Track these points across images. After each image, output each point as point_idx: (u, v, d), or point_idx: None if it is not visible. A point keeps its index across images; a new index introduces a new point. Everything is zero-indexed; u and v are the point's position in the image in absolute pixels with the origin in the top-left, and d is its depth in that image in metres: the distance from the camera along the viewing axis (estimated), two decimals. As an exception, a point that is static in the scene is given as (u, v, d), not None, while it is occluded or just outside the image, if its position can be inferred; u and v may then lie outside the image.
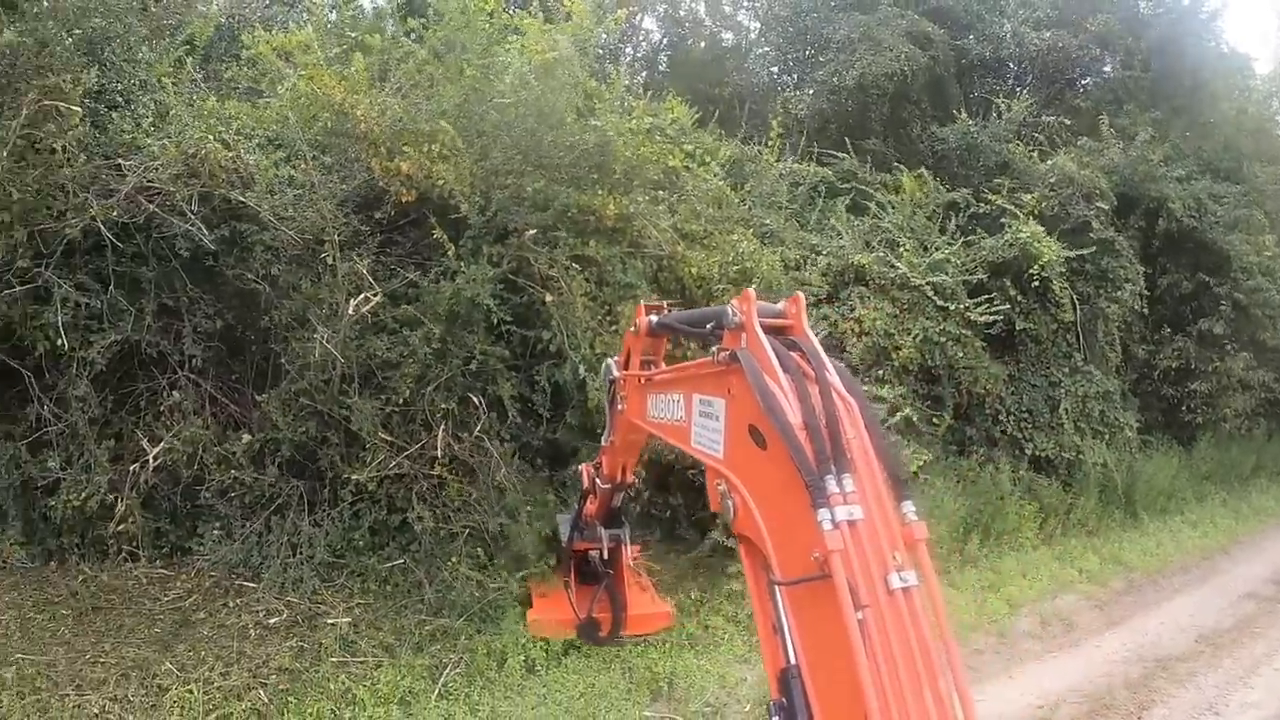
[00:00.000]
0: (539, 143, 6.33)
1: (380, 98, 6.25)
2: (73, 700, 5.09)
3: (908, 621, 2.11)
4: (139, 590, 6.22)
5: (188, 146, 5.66)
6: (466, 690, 5.55)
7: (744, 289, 6.54)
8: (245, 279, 5.82)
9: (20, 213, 5.84)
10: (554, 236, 6.09)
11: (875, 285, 8.36)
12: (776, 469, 2.36)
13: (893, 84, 13.31)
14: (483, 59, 6.59)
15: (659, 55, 17.90)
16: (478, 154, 6.16)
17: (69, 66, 5.91)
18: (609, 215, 6.25)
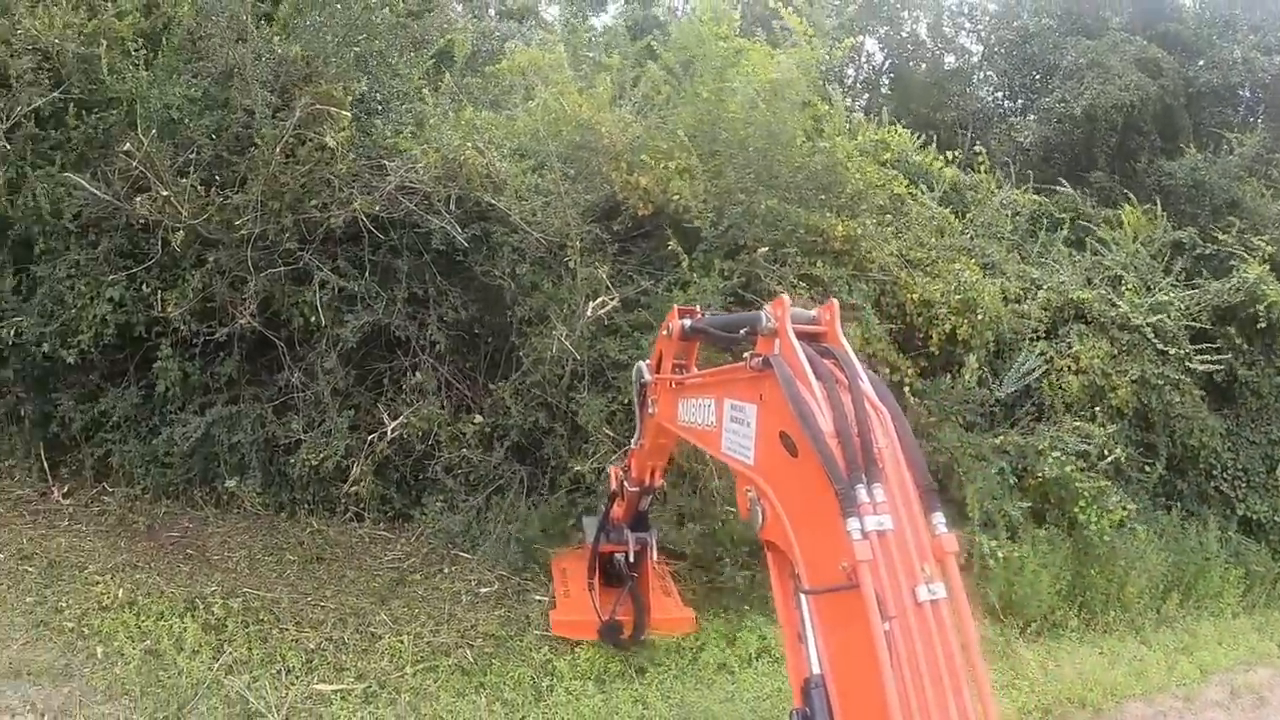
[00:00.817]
0: (770, 163, 6.67)
1: (621, 115, 6.71)
2: (291, 634, 5.72)
3: (935, 634, 2.11)
4: (361, 548, 6.97)
5: (447, 152, 6.26)
6: (660, 678, 5.81)
7: (965, 317, 6.68)
8: (491, 276, 6.40)
9: (290, 201, 6.62)
10: (783, 254, 6.39)
11: (1095, 323, 8.26)
12: (807, 477, 2.37)
13: (1121, 115, 12.93)
14: (716, 81, 6.93)
15: (881, 77, 17.92)
16: (712, 172, 6.52)
17: (341, 75, 6.64)
18: (837, 236, 6.53)
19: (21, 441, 8.39)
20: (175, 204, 6.61)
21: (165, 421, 7.37)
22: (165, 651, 5.48)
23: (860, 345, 6.39)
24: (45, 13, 7.31)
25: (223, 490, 7.38)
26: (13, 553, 6.86)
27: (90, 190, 6.97)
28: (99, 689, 5.16)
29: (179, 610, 5.92)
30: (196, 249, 6.89)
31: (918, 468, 2.39)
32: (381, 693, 5.25)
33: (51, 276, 7.33)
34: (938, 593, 2.15)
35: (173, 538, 7.17)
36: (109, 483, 7.93)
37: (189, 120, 6.90)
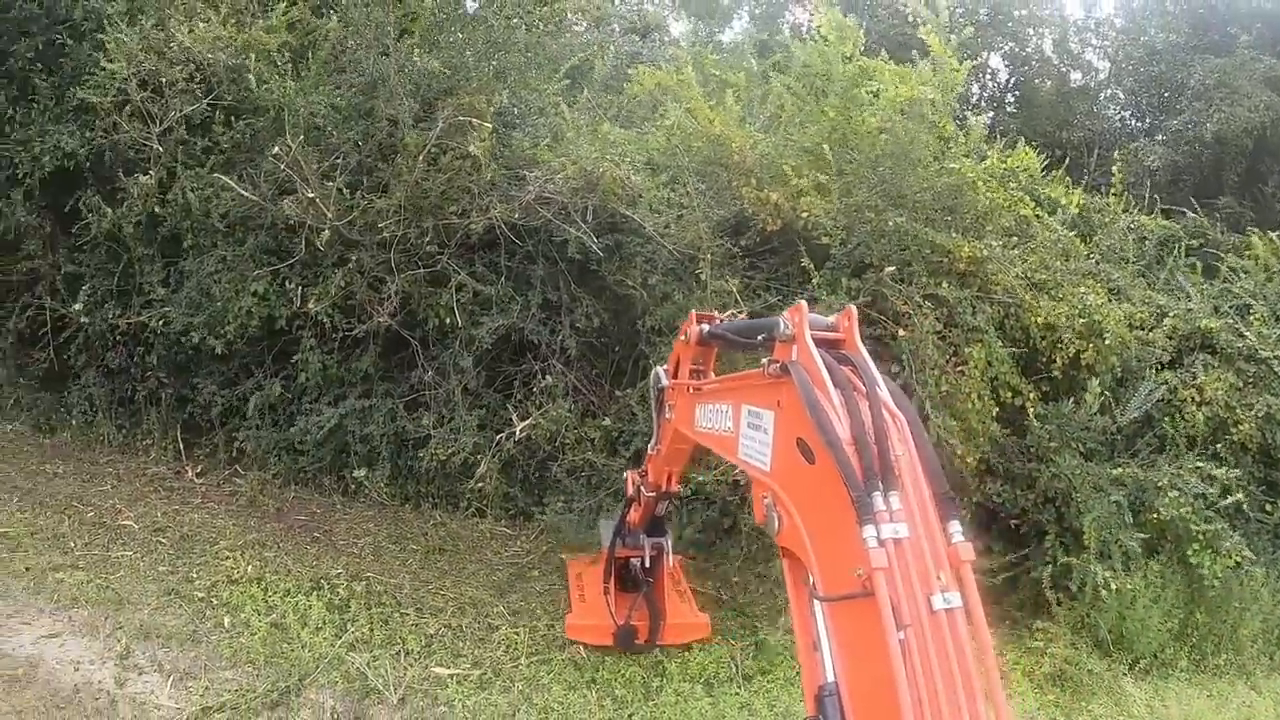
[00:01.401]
0: (899, 182, 6.83)
1: (750, 132, 6.98)
2: (412, 619, 6.07)
3: (949, 643, 2.12)
4: (482, 542, 7.33)
5: (585, 164, 6.61)
6: (768, 685, 5.95)
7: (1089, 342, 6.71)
8: (623, 285, 6.73)
9: (430, 207, 7.04)
10: (909, 274, 6.56)
11: (1221, 353, 8.19)
12: (823, 483, 2.38)
13: (1251, 138, 12.68)
14: (843, 100, 7.12)
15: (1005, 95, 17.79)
16: (842, 190, 6.72)
17: (483, 88, 7.05)
18: (962, 257, 6.64)
19: (159, 423, 9.09)
20: (321, 206, 7.10)
21: (300, 411, 7.89)
22: (290, 626, 5.91)
23: (983, 368, 6.52)
24: (197, 26, 7.91)
25: (351, 479, 7.84)
26: (147, 525, 7.48)
27: (239, 191, 7.53)
28: (224, 655, 5.58)
29: (305, 588, 6.38)
30: (339, 249, 7.38)
31: (934, 476, 2.40)
32: (496, 680, 5.52)
33: (199, 271, 7.94)
34: (953, 601, 2.16)
35: (300, 521, 7.69)
36: (241, 466, 8.54)
37: (334, 128, 7.39)
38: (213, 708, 5.06)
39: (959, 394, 6.42)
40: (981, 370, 6.52)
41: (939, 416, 6.32)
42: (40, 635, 5.71)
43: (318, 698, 5.20)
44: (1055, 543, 6.75)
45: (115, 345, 9.11)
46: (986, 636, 2.17)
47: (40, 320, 9.50)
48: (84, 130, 8.46)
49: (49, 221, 9.28)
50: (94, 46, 8.54)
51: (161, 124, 7.96)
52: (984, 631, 2.16)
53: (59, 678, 5.29)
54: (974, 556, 2.26)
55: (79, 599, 6.18)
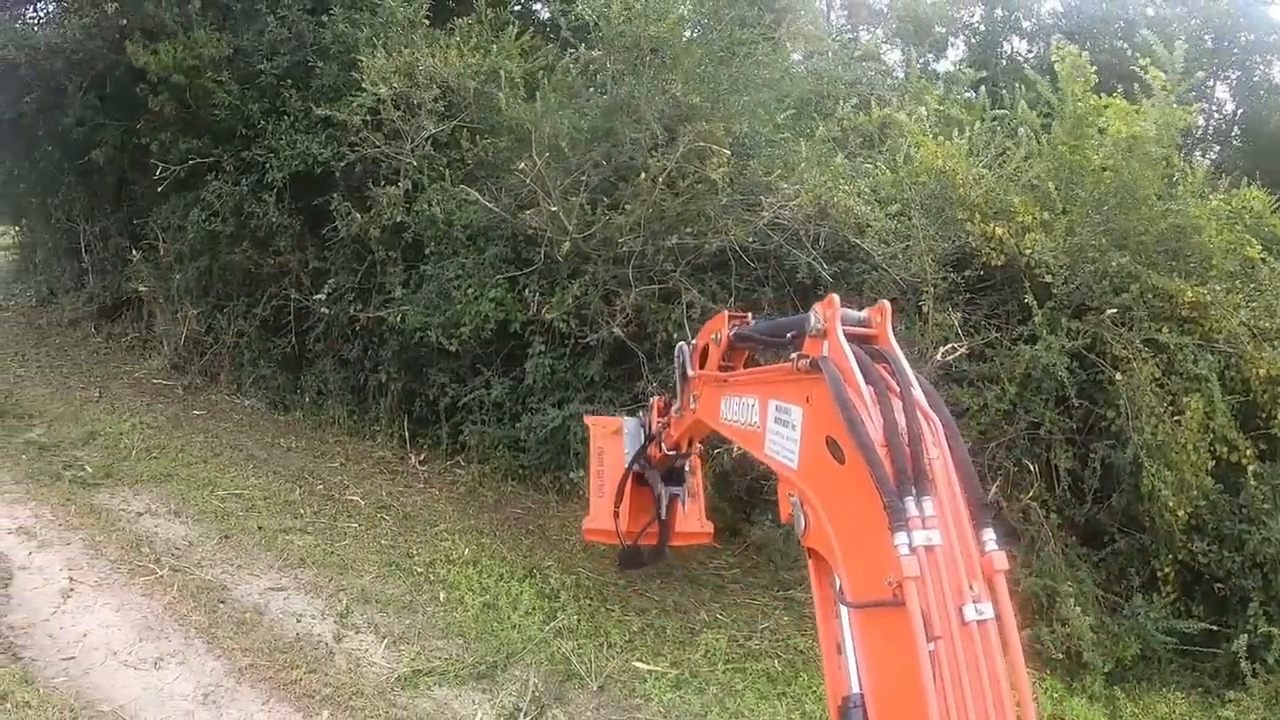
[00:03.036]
0: (1122, 222, 7.10)
1: (976, 167, 7.51)
2: (617, 615, 6.63)
3: (981, 656, 2.10)
4: (689, 553, 7.59)
5: (818, 192, 7.31)
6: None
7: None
8: (850, 314, 7.35)
9: (666, 227, 7.86)
10: (1130, 318, 6.81)
11: None
12: (853, 486, 2.36)
13: None
14: (1074, 136, 7.47)
15: (1232, 128, 17.37)
16: (1065, 228, 7.11)
17: (724, 117, 7.85)
18: (1185, 302, 6.85)
19: (386, 411, 10.28)
20: (563, 219, 8.03)
21: (526, 410, 8.80)
22: (502, 607, 6.58)
23: (1201, 419, 6.61)
24: (444, 53, 9.03)
25: (567, 480, 8.61)
26: (373, 502, 8.47)
27: (483, 203, 8.57)
28: (438, 626, 6.26)
29: (518, 575, 7.09)
30: (575, 261, 8.28)
31: (969, 482, 2.38)
32: (692, 681, 5.87)
33: (440, 275, 9.00)
34: (985, 613, 2.15)
35: (516, 514, 8.55)
36: (463, 458, 9.55)
37: (572, 149, 8.31)
38: (423, 671, 5.61)
39: (1174, 444, 6.53)
40: (1199, 421, 6.60)
41: (1153, 465, 6.49)
42: (267, 587, 6.60)
43: (523, 675, 5.68)
44: (1259, 610, 6.65)
45: (352, 337, 10.44)
46: (1018, 649, 2.16)
47: (285, 310, 10.96)
48: (332, 142, 9.76)
49: (299, 222, 10.68)
50: (342, 67, 9.87)
51: (411, 141, 9.14)
52: (1016, 644, 2.15)
53: (282, 626, 6.08)
54: (1008, 566, 2.23)
55: (305, 560, 7.11)
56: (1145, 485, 6.56)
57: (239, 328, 11.67)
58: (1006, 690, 2.08)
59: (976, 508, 2.34)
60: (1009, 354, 6.88)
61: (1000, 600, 2.19)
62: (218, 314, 12.00)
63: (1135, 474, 6.66)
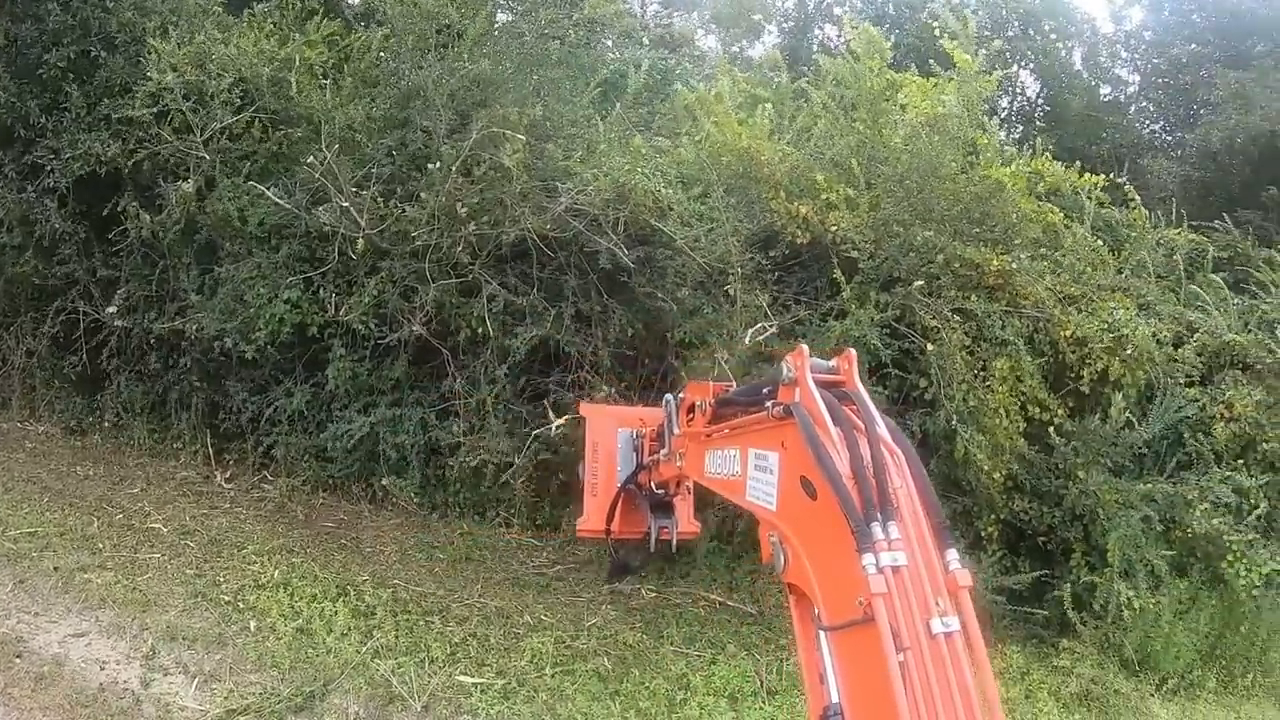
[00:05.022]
0: (927, 195, 6.90)
1: (780, 145, 7.09)
2: (437, 627, 6.18)
3: (949, 665, 2.18)
4: (509, 552, 7.44)
5: (617, 176, 6.73)
6: (793, 700, 6.00)
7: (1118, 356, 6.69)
8: (654, 298, 6.84)
9: (463, 217, 7.17)
10: (938, 288, 6.63)
11: (1252, 370, 8.22)
12: (825, 517, 2.45)
13: (1258, 147, 12.71)
14: (872, 114, 7.23)
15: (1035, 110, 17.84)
16: (870, 204, 6.81)
17: (518, 101, 7.20)
18: (991, 271, 6.72)
19: (190, 427, 9.28)
20: (354, 214, 7.25)
21: (331, 418, 8.02)
22: (316, 631, 6.03)
23: (1011, 383, 6.58)
24: (240, 39, 8.11)
25: (379, 487, 7.98)
26: (176, 528, 7.62)
27: (274, 199, 7.70)
28: (250, 659, 5.72)
29: (331, 594, 6.50)
30: (372, 258, 7.52)
31: (932, 507, 2.49)
32: (520, 690, 5.60)
33: (234, 277, 8.09)
34: (951, 625, 2.24)
35: (328, 528, 7.82)
36: (270, 472, 8.70)
37: (369, 139, 7.55)
38: (237, 710, 5.19)
39: (986, 409, 6.48)
40: (1009, 385, 6.57)
41: (966, 431, 6.39)
42: (67, 634, 5.88)
43: (342, 703, 5.32)
44: (1081, 560, 6.81)
45: (149, 350, 9.33)
46: (985, 659, 2.24)
47: (74, 324, 9.73)
48: (120, 139, 8.67)
49: (84, 228, 9.49)
50: (128, 59, 8.79)
51: (203, 133, 8.18)
52: (982, 654, 2.24)
53: (85, 676, 5.44)
54: (971, 582, 2.32)
55: (106, 599, 6.35)
56: (959, 450, 6.51)
57: (29, 346, 10.34)
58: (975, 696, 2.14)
59: (939, 530, 2.46)
60: (819, 330, 6.57)
61: (966, 614, 2.27)
62: (4, 333, 10.64)
63: (950, 439, 6.58)
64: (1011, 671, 6.98)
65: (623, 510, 5.63)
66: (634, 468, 5.55)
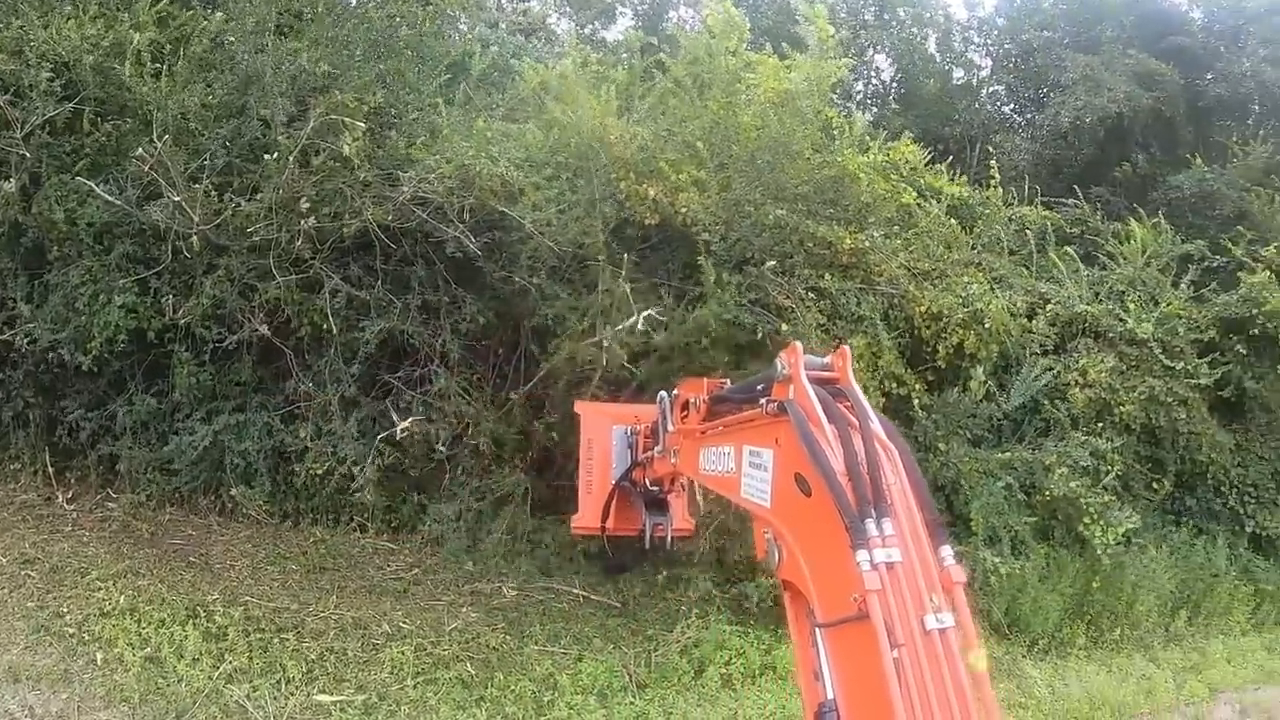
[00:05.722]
0: (779, 175, 6.76)
1: (629, 125, 6.85)
2: (293, 644, 5.81)
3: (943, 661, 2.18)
4: (364, 558, 7.11)
5: (461, 161, 6.39)
6: (663, 694, 5.89)
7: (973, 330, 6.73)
8: (510, 283, 6.53)
9: (302, 210, 6.73)
10: (791, 267, 6.50)
11: (1102, 338, 8.37)
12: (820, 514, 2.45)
13: (1105, 126, 13.10)
14: (725, 93, 7.05)
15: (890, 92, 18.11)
16: (721, 184, 6.63)
17: (358, 87, 6.79)
18: (844, 249, 6.63)
19: (28, 446, 8.56)
20: (187, 210, 6.74)
21: (173, 429, 7.50)
22: (166, 659, 5.61)
23: (869, 359, 6.50)
24: (61, 24, 7.48)
25: (227, 498, 7.50)
26: (15, 557, 7.02)
27: (104, 196, 7.12)
28: (98, 695, 5.30)
29: (180, 618, 6.05)
30: (208, 255, 7.02)
31: (925, 503, 2.48)
32: (381, 705, 5.34)
33: (65, 283, 7.48)
34: (946, 621, 2.23)
35: (176, 545, 7.32)
36: (114, 489, 8.10)
37: (204, 128, 7.05)
38: None
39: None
40: (866, 361, 6.48)
41: None
42: None
43: None
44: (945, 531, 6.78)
45: (-24, 366, 8.58)
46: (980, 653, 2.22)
47: (-104, 342, 8.91)
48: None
49: (-105, 238, 8.68)
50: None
51: (23, 128, 7.51)
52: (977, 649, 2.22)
53: None
54: (965, 578, 2.30)
55: None
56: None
57: None
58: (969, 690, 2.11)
59: (933, 527, 2.43)
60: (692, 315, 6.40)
61: (960, 610, 2.25)
62: None
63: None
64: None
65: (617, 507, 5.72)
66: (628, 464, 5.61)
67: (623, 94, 7.34)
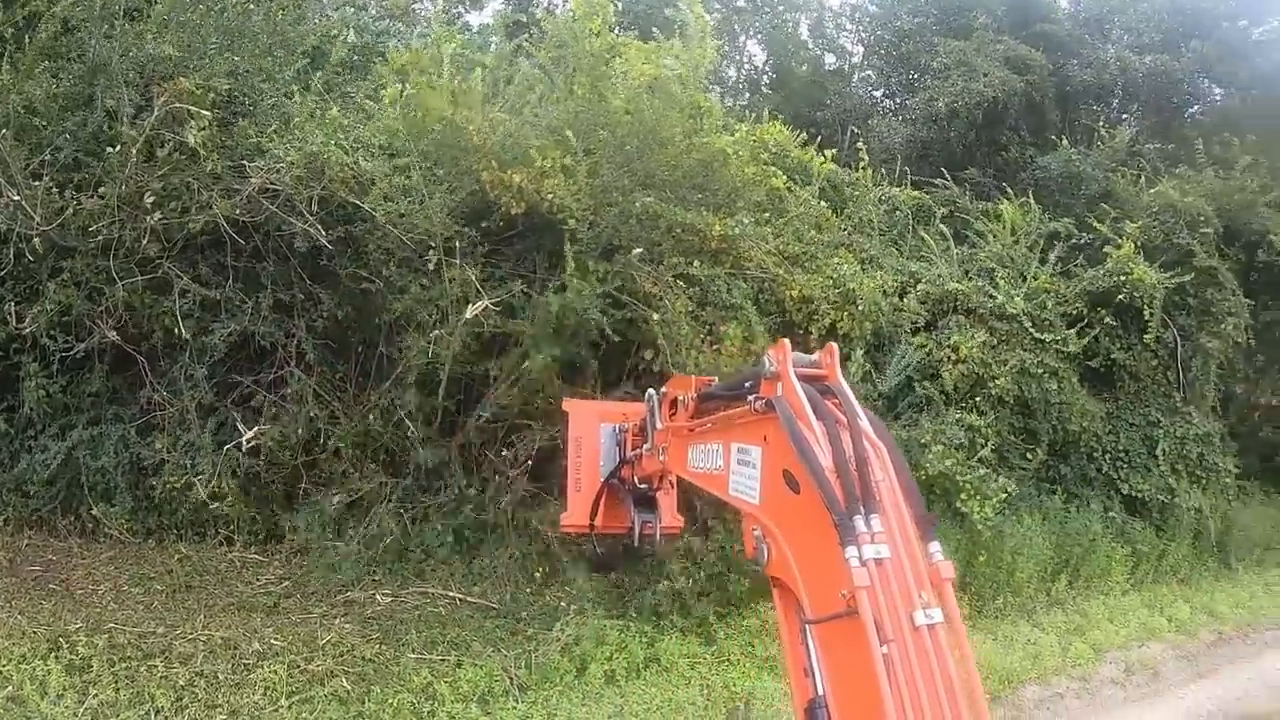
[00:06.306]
0: (647, 161, 6.58)
1: (492, 113, 6.60)
2: (160, 671, 5.44)
3: (932, 657, 2.20)
4: (232, 572, 6.71)
5: (311, 150, 6.07)
6: (545, 694, 5.72)
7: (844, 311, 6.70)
8: (359, 279, 6.22)
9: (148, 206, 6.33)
10: (659, 254, 6.34)
11: (973, 314, 8.46)
12: (808, 511, 2.47)
13: (983, 111, 13.36)
14: (591, 78, 6.85)
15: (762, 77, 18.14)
16: (588, 171, 6.42)
17: (206, 74, 6.41)
18: (713, 235, 6.48)
19: None
20: (28, 210, 6.28)
21: (25, 447, 7.02)
22: (28, 698, 5.19)
23: (741, 343, 6.37)
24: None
25: (88, 518, 7.04)
26: None
27: (-65, 199, 6.59)
28: None
29: (41, 652, 5.62)
30: (52, 258, 6.56)
31: (914, 500, 2.50)
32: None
33: (-102, 296, 6.90)
34: (934, 617, 2.24)
35: (34, 572, 6.82)
36: (-37, 515, 7.50)
37: (49, 121, 6.59)
38: None
39: (718, 372, 6.21)
40: (739, 346, 6.35)
41: None
42: None
43: None
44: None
45: None
46: (969, 649, 2.24)
47: None
48: None
49: None
50: None
51: None
52: (966, 645, 2.24)
53: None
54: (954, 574, 2.33)
55: None
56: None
57: None
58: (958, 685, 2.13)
59: (921, 523, 2.45)
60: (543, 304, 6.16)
61: (949, 606, 2.27)
62: None
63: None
64: (769, 627, 6.87)
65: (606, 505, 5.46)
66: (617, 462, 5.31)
67: (488, 79, 7.11)
